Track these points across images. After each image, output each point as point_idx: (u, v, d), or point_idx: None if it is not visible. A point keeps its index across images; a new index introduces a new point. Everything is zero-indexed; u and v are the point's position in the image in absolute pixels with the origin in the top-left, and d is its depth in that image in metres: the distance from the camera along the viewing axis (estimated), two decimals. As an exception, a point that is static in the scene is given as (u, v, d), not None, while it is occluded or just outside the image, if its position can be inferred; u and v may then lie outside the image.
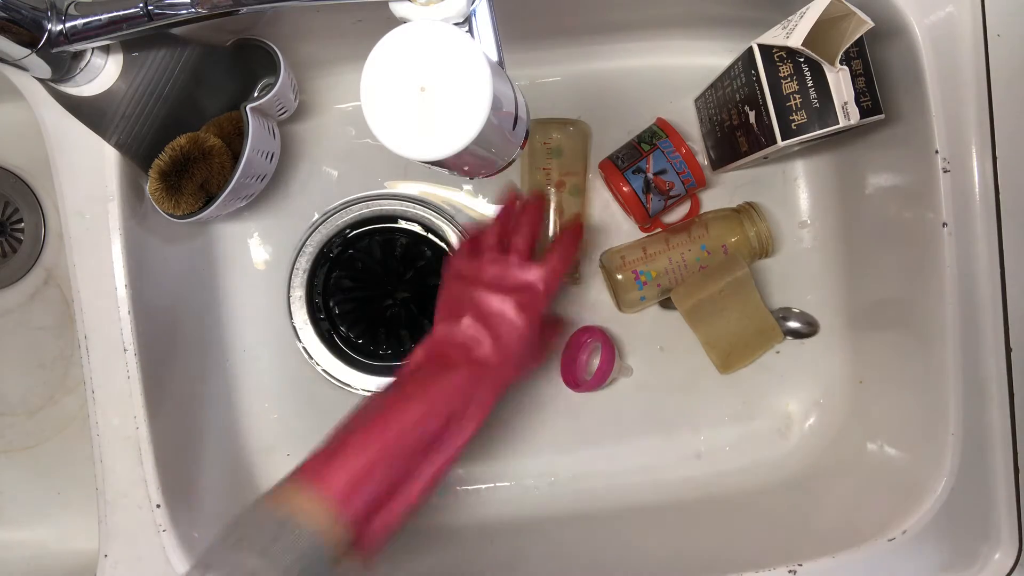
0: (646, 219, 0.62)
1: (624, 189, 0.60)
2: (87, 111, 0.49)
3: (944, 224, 0.50)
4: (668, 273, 0.61)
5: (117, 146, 0.51)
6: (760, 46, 0.50)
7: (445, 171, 0.42)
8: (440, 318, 0.53)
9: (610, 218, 0.65)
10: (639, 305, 0.63)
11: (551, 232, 0.62)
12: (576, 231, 0.58)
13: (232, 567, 0.37)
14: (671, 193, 0.61)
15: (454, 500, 0.65)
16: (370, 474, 0.42)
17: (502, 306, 0.50)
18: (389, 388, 0.49)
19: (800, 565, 0.51)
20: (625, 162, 0.61)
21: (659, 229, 0.64)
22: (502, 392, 0.50)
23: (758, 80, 0.50)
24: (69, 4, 0.43)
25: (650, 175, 0.60)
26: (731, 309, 0.62)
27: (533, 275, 0.52)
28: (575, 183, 0.62)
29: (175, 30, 0.49)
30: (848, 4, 0.46)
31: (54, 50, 0.44)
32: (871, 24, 0.46)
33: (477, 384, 0.48)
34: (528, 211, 0.56)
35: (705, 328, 0.63)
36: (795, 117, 0.50)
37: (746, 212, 0.61)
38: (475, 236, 0.56)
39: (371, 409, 0.47)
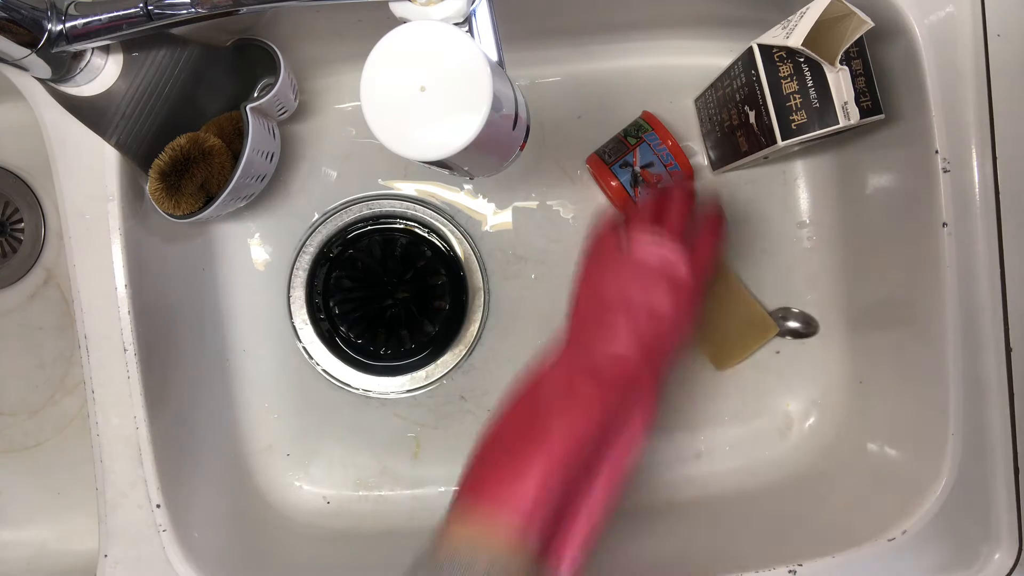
0: None
1: (612, 184, 0.60)
2: (87, 111, 0.49)
3: (944, 224, 0.50)
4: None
5: (117, 146, 0.51)
6: (760, 46, 0.50)
7: (445, 171, 0.42)
8: (583, 312, 0.48)
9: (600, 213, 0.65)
10: None
11: None
12: (720, 217, 0.54)
13: None
14: (659, 186, 0.61)
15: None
16: (549, 496, 0.39)
17: (658, 299, 0.46)
18: (527, 397, 0.44)
19: (800, 565, 0.51)
20: (612, 156, 0.61)
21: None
22: (660, 391, 0.46)
23: (758, 80, 0.50)
24: (69, 4, 0.43)
25: (637, 168, 0.60)
26: (712, 294, 0.62)
27: (686, 259, 0.47)
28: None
29: (175, 30, 0.49)
30: (848, 4, 0.46)
31: (54, 50, 0.44)
32: (871, 24, 0.46)
33: (635, 387, 0.44)
34: (678, 190, 0.52)
35: None
36: (795, 117, 0.50)
37: None
38: (617, 218, 0.52)
39: (522, 423, 0.42)
